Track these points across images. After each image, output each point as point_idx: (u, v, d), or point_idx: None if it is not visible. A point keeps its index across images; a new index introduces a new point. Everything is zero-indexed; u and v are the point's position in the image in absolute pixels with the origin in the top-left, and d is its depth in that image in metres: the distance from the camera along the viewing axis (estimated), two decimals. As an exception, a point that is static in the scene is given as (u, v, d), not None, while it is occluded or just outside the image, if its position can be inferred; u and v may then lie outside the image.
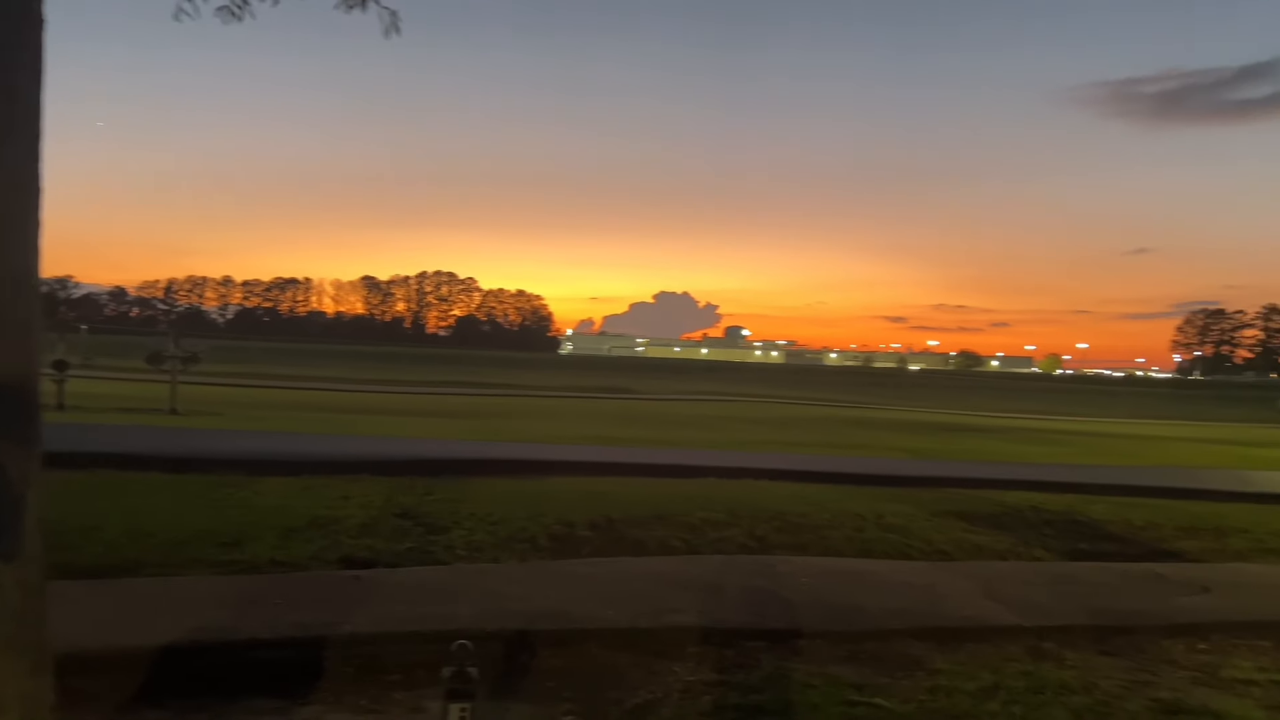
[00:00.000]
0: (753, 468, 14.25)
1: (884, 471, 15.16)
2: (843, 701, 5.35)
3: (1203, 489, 14.98)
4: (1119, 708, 5.59)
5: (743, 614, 6.96)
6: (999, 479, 14.56)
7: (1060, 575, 9.10)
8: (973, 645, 6.66)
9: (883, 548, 9.98)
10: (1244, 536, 11.58)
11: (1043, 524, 11.59)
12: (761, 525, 10.33)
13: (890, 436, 24.86)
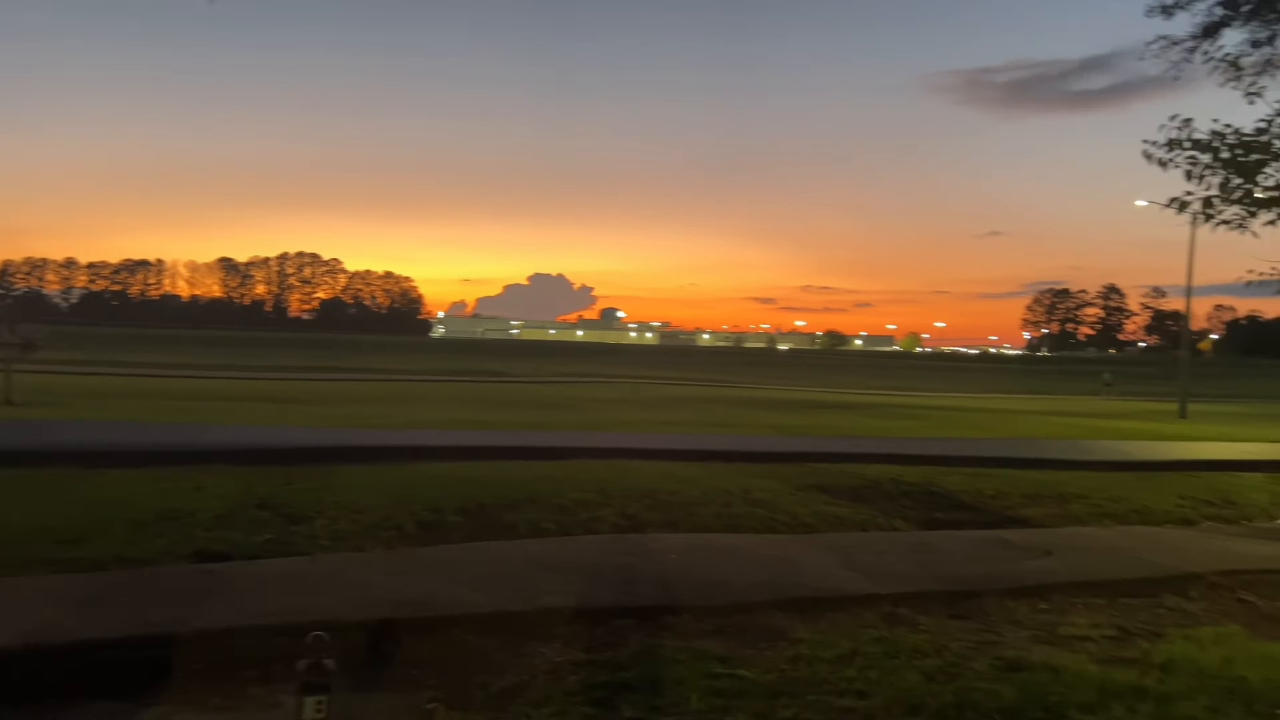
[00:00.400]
0: (626, 448, 14.31)
1: (752, 448, 15.48)
2: (707, 675, 5.44)
3: (1047, 459, 15.86)
4: (966, 668, 5.88)
5: (612, 593, 7.00)
6: (861, 453, 15.05)
7: (916, 544, 9.51)
8: (832, 614, 6.89)
9: (750, 522, 10.21)
10: (1083, 502, 12.33)
11: (901, 495, 12.05)
12: (633, 504, 10.40)
13: (760, 414, 25.41)
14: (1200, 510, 12.47)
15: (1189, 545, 9.88)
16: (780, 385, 48.54)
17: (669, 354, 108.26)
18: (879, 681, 5.49)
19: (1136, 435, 22.29)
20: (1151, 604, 7.86)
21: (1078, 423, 26.66)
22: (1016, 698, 5.25)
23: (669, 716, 4.88)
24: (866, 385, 51.01)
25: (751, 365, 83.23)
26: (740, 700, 5.10)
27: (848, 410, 28.95)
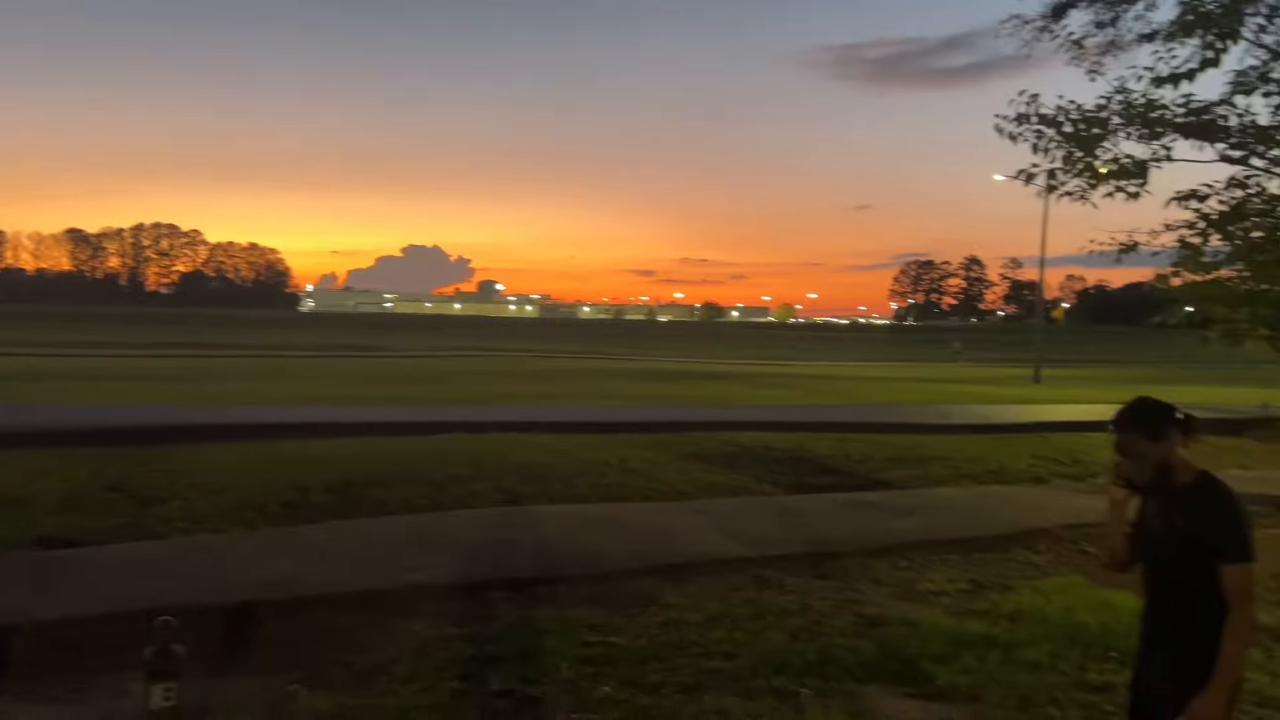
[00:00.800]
0: (503, 421, 14.18)
1: (630, 419, 15.56)
2: (579, 643, 5.46)
3: (910, 423, 16.50)
4: (830, 625, 6.07)
5: (485, 566, 6.94)
6: (736, 421, 15.34)
7: (785, 508, 9.76)
8: (703, 578, 7.01)
9: (626, 492, 10.27)
10: (943, 464, 12.87)
11: (773, 461, 12.33)
12: (509, 478, 10.32)
13: (639, 385, 25.60)
14: (1051, 469, 13.19)
15: (1039, 502, 10.44)
16: (660, 357, 48.99)
17: (549, 327, 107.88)
18: (746, 642, 5.62)
19: (994, 400, 23.41)
20: (1003, 558, 8.29)
21: (940, 388, 27.83)
22: (875, 652, 5.46)
23: (539, 686, 4.87)
24: (743, 355, 52.01)
25: (632, 337, 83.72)
26: (611, 667, 5.14)
27: (724, 380, 29.46)
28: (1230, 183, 6.92)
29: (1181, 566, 2.92)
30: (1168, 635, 2.98)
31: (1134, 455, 2.97)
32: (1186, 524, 2.89)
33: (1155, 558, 3.04)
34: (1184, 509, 2.92)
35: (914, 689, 5.06)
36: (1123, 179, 6.98)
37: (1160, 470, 2.94)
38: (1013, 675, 5.19)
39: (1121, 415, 3.02)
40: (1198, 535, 2.87)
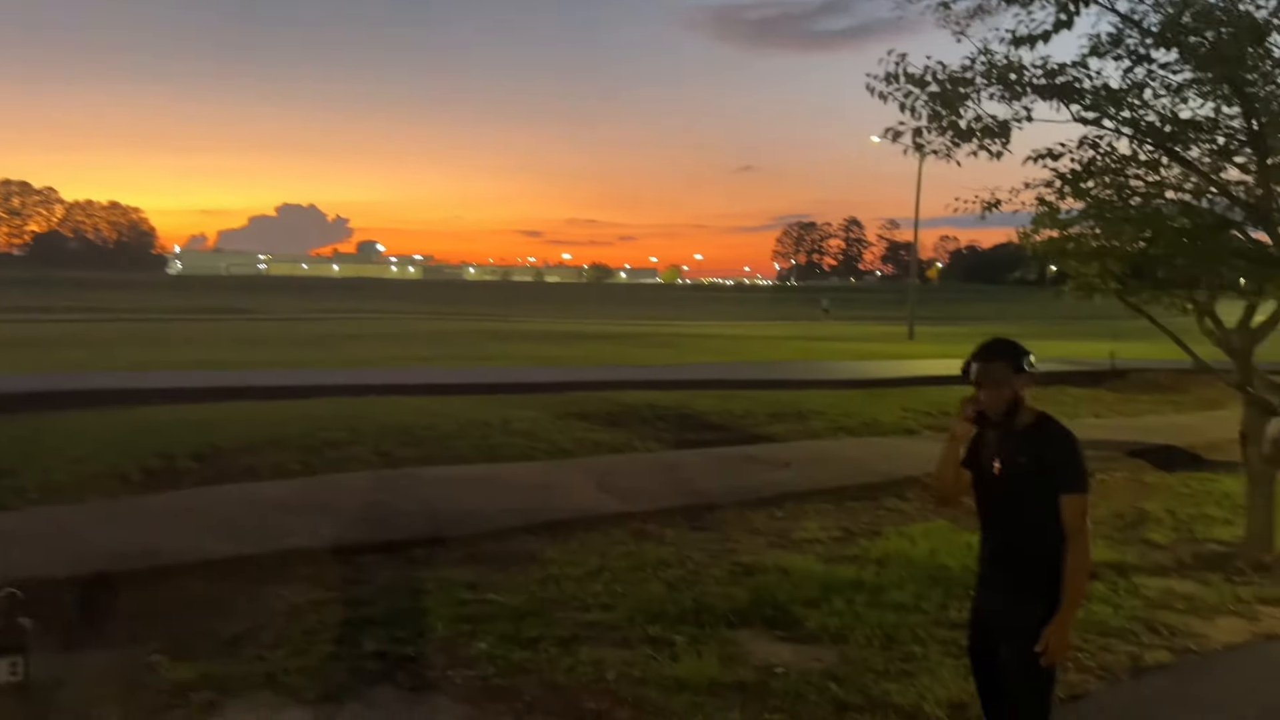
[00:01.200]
0: (381, 384, 13.89)
1: (513, 380, 15.44)
2: (456, 602, 5.42)
3: (791, 379, 16.88)
4: (706, 575, 6.20)
5: (360, 530, 6.81)
6: (620, 381, 15.38)
7: (667, 464, 9.88)
8: (583, 534, 7.04)
9: (508, 452, 10.21)
10: (821, 418, 13.23)
11: (656, 419, 12.44)
12: (387, 441, 10.12)
13: (525, 347, 25.39)
14: (921, 421, 13.71)
15: (909, 452, 10.86)
16: (547, 318, 48.70)
17: (433, 289, 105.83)
18: (624, 594, 5.69)
19: (870, 356, 24.15)
20: (874, 506, 8.60)
21: (820, 346, 28.53)
22: (750, 599, 5.60)
23: (414, 646, 4.82)
24: (631, 316, 52.17)
25: (519, 299, 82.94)
26: (488, 624, 5.12)
27: (611, 340, 29.51)
28: (1082, 142, 7.22)
29: (1025, 500, 3.05)
30: (1009, 567, 3.10)
31: (995, 384, 3.07)
32: (1032, 459, 3.03)
33: (998, 492, 3.13)
34: (1029, 445, 3.05)
35: (785, 632, 5.22)
36: (986, 138, 7.21)
37: (1012, 404, 3.07)
38: (879, 616, 5.40)
39: (987, 346, 3.16)
40: (1043, 469, 3.02)
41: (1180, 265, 7.11)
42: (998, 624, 3.12)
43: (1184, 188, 7.43)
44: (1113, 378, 18.12)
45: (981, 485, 3.20)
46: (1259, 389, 7.24)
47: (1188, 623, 5.63)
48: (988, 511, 3.20)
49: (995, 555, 3.17)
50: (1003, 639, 3.09)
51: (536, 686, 4.40)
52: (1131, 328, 7.36)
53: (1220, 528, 7.96)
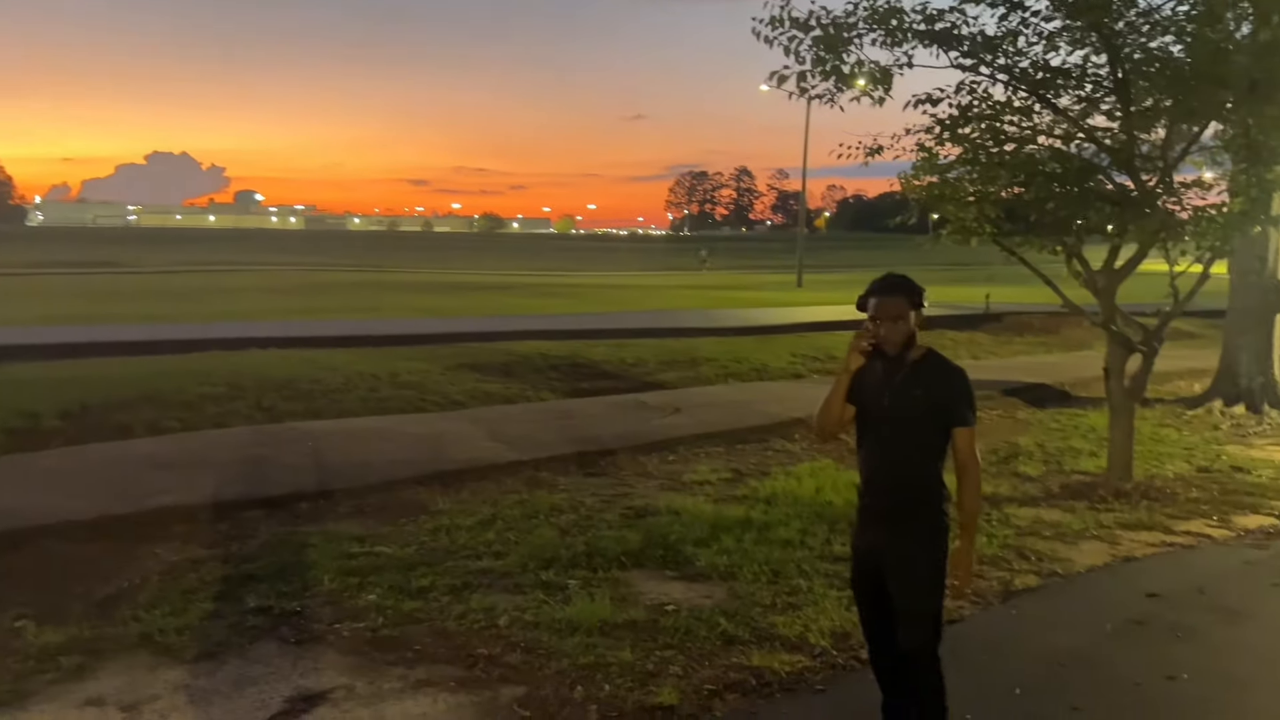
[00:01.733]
0: (263, 337, 13.41)
1: (402, 331, 15.13)
2: (342, 555, 5.32)
3: (683, 327, 17.03)
4: (599, 519, 6.23)
5: (240, 485, 6.59)
6: (512, 331, 15.25)
7: (560, 412, 9.87)
8: (475, 484, 6.99)
9: (397, 404, 10.02)
10: (712, 364, 13.40)
11: (549, 368, 12.39)
12: (269, 395, 9.80)
13: (413, 298, 24.87)
14: (809, 365, 14.03)
15: (796, 395, 11.09)
16: (437, 269, 47.74)
17: (316, 239, 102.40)
18: (517, 541, 5.67)
19: (760, 304, 24.52)
20: (762, 448, 8.78)
21: (712, 295, 28.83)
22: (642, 541, 5.65)
23: (299, 600, 4.71)
24: (524, 267, 51.61)
25: (407, 249, 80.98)
26: (377, 575, 5.04)
27: (503, 291, 29.16)
28: (960, 88, 7.39)
29: (913, 433, 3.07)
30: (895, 500, 3.12)
31: (893, 318, 3.04)
32: (926, 392, 3.05)
33: (886, 426, 3.12)
34: (920, 379, 3.07)
35: (676, 571, 5.30)
36: (869, 83, 7.31)
37: (909, 339, 3.07)
38: (766, 553, 5.54)
39: (886, 281, 3.14)
40: (938, 402, 3.06)
41: (1051, 209, 7.38)
42: (886, 555, 3.13)
43: (1055, 134, 7.70)
44: (988, 321, 18.87)
45: (867, 420, 3.19)
46: (1121, 327, 7.63)
47: (1054, 548, 5.95)
48: (873, 446, 3.19)
49: (880, 489, 3.17)
50: (893, 569, 3.11)
51: (427, 635, 4.36)
52: (1006, 273, 7.66)
53: (1085, 459, 8.41)
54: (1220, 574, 5.55)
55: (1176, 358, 13.69)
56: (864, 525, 3.26)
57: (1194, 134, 7.56)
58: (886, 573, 3.13)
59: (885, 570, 3.13)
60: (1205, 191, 7.39)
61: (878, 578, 3.16)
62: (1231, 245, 7.44)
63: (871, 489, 3.21)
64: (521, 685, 3.90)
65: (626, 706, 3.72)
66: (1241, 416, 10.86)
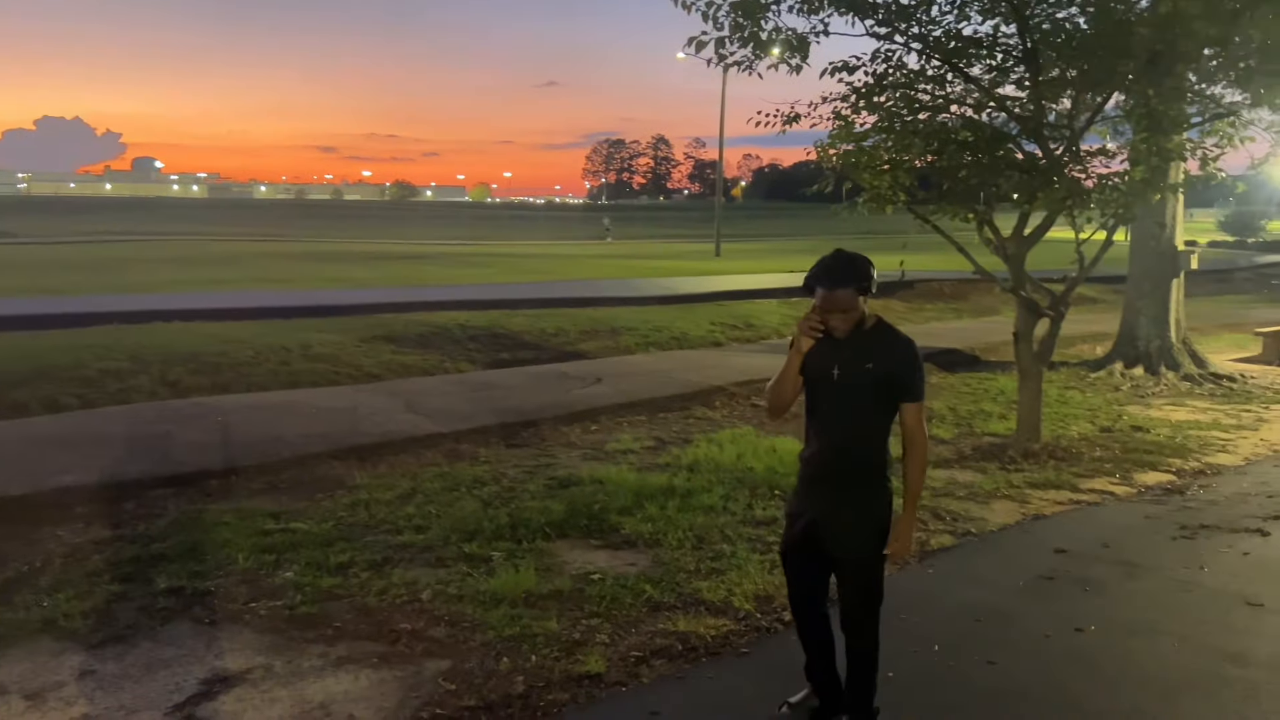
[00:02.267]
0: (167, 309, 12.90)
1: (314, 303, 14.72)
2: (257, 532, 5.16)
3: (603, 297, 16.95)
4: (522, 490, 6.18)
5: (146, 463, 6.34)
6: (429, 301, 14.97)
7: (480, 383, 9.74)
8: (393, 457, 6.86)
9: (311, 377, 9.77)
10: (632, 334, 13.39)
11: (468, 339, 12.22)
12: (174, 369, 9.45)
13: (325, 268, 24.23)
14: (728, 334, 14.14)
15: (716, 363, 11.18)
16: (349, 238, 46.62)
17: (221, 208, 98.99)
18: (438, 514, 5.59)
19: (679, 273, 24.57)
20: (684, 416, 8.82)
21: (631, 264, 28.78)
22: (566, 510, 5.62)
23: (212, 580, 4.56)
24: (439, 236, 50.75)
25: (317, 218, 78.75)
26: (293, 553, 4.91)
27: (419, 261, 28.62)
28: (875, 56, 7.46)
29: (863, 404, 3.03)
30: (842, 470, 3.09)
31: (844, 310, 2.96)
32: (877, 363, 3.00)
33: (835, 398, 3.06)
34: (871, 351, 3.01)
35: (601, 540, 5.29)
36: (785, 50, 7.31)
37: (857, 324, 3.01)
38: (690, 519, 5.57)
39: (831, 270, 2.98)
40: (888, 374, 3.01)
41: (963, 177, 7.52)
42: (832, 524, 3.11)
43: (967, 102, 7.84)
44: (902, 288, 19.27)
45: (816, 391, 3.11)
46: (1030, 293, 7.84)
47: (968, 508, 6.12)
48: (823, 416, 3.12)
49: (827, 459, 3.11)
50: (838, 538, 3.11)
51: (347, 611, 4.27)
52: (919, 241, 7.77)
53: (995, 422, 8.67)
54: (1123, 529, 5.78)
55: (1080, 322, 14.20)
56: (809, 494, 3.20)
57: (1098, 104, 7.78)
58: (830, 541, 3.12)
59: (829, 538, 3.12)
60: (1110, 160, 7.62)
61: (817, 545, 3.15)
62: (1134, 213, 7.68)
63: (820, 458, 3.14)
64: (446, 659, 3.85)
65: (553, 676, 3.71)
66: (1140, 378, 11.32)
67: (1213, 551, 5.34)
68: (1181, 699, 3.61)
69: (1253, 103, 7.80)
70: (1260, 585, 4.80)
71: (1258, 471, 7.25)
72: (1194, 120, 7.88)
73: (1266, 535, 5.61)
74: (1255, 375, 11.67)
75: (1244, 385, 11.04)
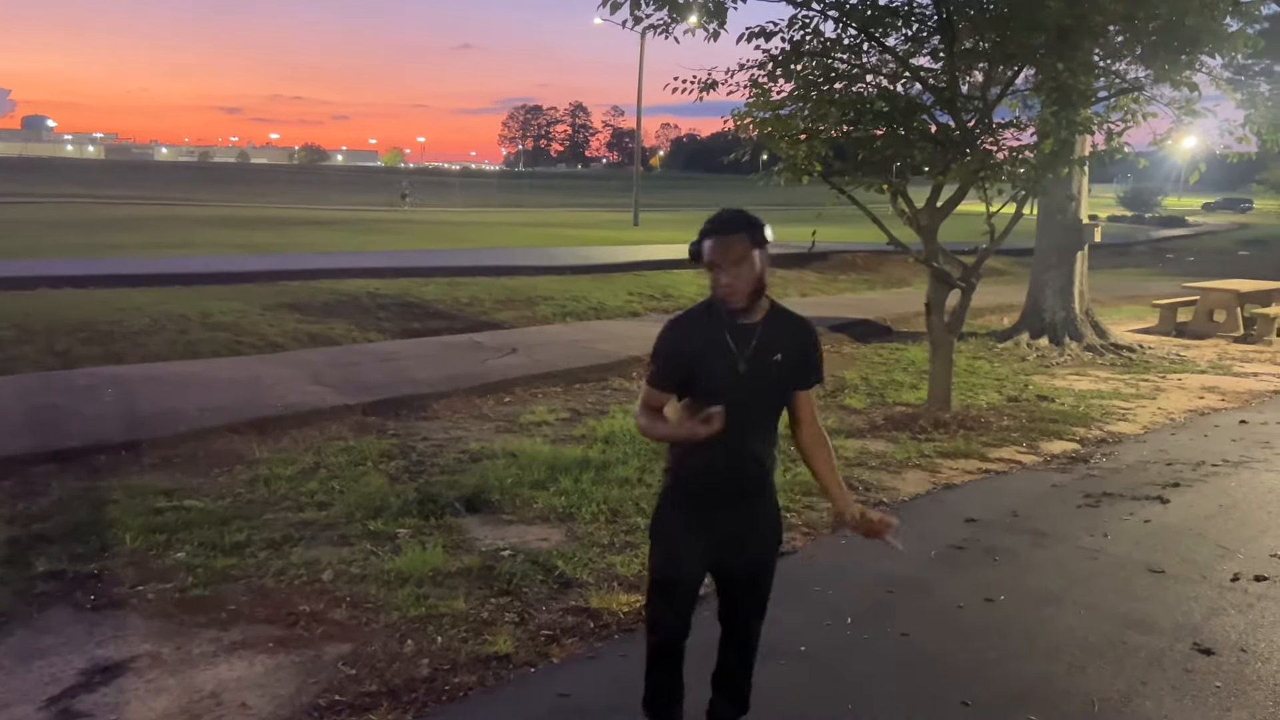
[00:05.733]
0: (56, 275, 12.25)
1: (215, 269, 14.14)
2: (147, 511, 4.88)
3: (519, 266, 16.68)
4: (432, 464, 6.00)
5: (28, 438, 5.97)
6: (337, 268, 14.52)
7: (389, 353, 9.47)
8: (296, 431, 6.59)
9: (211, 348, 9.37)
10: (549, 303, 13.21)
11: (377, 308, 11.89)
12: (63, 339, 8.96)
13: (227, 234, 23.33)
14: (646, 304, 14.07)
15: (633, 334, 11.07)
16: (254, 203, 45.06)
17: (119, 170, 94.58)
18: (342, 490, 5.38)
19: (597, 242, 24.38)
20: (600, 387, 8.71)
21: (548, 233, 28.46)
22: (476, 485, 5.47)
23: (97, 562, 4.29)
24: (350, 202, 49.41)
25: (221, 182, 75.94)
26: (187, 532, 4.66)
27: (327, 226, 27.81)
28: (792, 23, 7.38)
29: (770, 401, 2.69)
30: (749, 476, 2.70)
31: (737, 261, 2.50)
32: (784, 354, 2.62)
33: (738, 396, 2.56)
34: (776, 339, 2.62)
35: (513, 515, 5.16)
36: (702, 16, 7.18)
37: (755, 290, 2.55)
38: (604, 492, 5.47)
39: (721, 218, 2.56)
40: (794, 363, 2.65)
41: (878, 147, 7.52)
42: (734, 541, 2.72)
43: (883, 73, 7.84)
44: (815, 259, 19.44)
45: (713, 394, 2.56)
46: (942, 264, 7.92)
47: (880, 478, 6.17)
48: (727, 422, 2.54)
49: (729, 467, 2.66)
50: (749, 549, 2.76)
51: (243, 593, 4.05)
52: (834, 212, 7.75)
53: (907, 392, 8.78)
54: (1031, 498, 5.89)
55: (987, 294, 14.50)
56: (703, 509, 2.70)
57: (1010, 76, 7.85)
58: (738, 562, 2.76)
59: (735, 559, 2.75)
60: (1020, 133, 7.70)
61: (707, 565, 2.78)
62: (1044, 186, 7.79)
63: (716, 469, 2.65)
64: (347, 642, 3.68)
65: (460, 658, 3.58)
66: (1046, 349, 11.61)
67: (1116, 519, 5.47)
68: (1089, 666, 3.66)
69: (1156, 79, 7.96)
70: (1161, 553, 4.93)
71: (1156, 440, 7.48)
72: (1100, 95, 8.01)
73: (1166, 503, 5.78)
74: (1153, 346, 12.09)
75: (1142, 356, 11.41)
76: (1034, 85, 8.03)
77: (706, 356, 2.61)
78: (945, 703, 3.36)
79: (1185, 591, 4.42)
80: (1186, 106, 8.05)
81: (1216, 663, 3.71)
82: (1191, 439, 7.51)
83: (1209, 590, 4.45)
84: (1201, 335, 13.29)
